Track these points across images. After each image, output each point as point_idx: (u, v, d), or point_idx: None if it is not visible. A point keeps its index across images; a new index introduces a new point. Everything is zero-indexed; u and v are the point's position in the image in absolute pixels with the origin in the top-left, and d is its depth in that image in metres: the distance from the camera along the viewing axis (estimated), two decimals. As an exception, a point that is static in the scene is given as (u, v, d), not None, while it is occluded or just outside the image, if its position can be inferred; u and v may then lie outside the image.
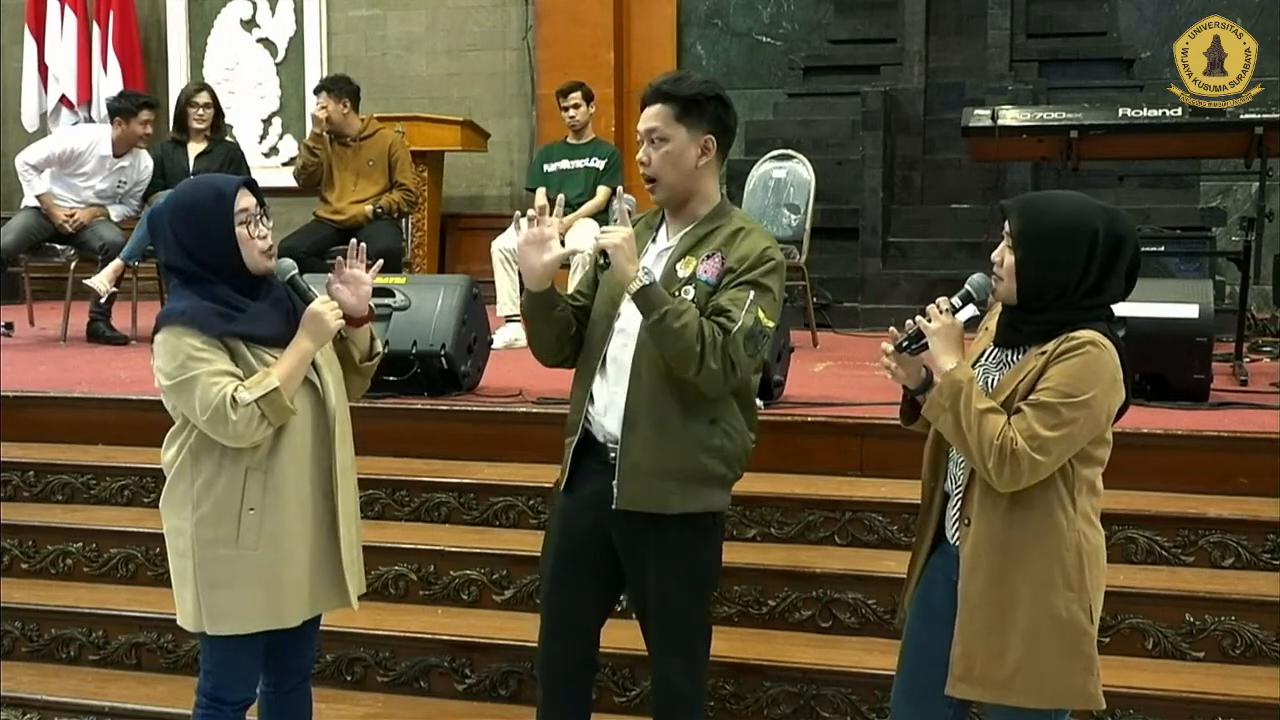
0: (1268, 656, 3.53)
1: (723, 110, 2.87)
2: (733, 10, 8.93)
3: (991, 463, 2.39)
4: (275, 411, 2.69)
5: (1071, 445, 2.41)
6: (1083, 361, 2.40)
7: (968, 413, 2.42)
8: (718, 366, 2.70)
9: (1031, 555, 2.45)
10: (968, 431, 2.42)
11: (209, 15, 9.75)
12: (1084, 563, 2.47)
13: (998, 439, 2.38)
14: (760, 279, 2.77)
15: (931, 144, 7.84)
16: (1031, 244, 2.45)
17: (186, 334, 2.69)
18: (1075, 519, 2.46)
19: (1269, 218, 5.54)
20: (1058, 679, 2.47)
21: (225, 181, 2.83)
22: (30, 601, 4.25)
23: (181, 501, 2.79)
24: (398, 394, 4.78)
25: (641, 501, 2.81)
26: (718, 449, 2.83)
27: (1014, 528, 2.46)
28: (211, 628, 2.79)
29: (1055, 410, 2.38)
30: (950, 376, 2.47)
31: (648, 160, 2.85)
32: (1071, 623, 2.46)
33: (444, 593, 4.09)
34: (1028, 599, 2.46)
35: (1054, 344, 2.43)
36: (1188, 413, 4.36)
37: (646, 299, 2.70)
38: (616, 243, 2.71)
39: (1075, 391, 2.38)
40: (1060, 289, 2.45)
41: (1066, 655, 2.47)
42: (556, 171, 6.98)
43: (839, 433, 4.30)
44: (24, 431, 4.85)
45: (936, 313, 2.54)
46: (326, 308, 2.81)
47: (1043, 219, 2.47)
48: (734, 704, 3.64)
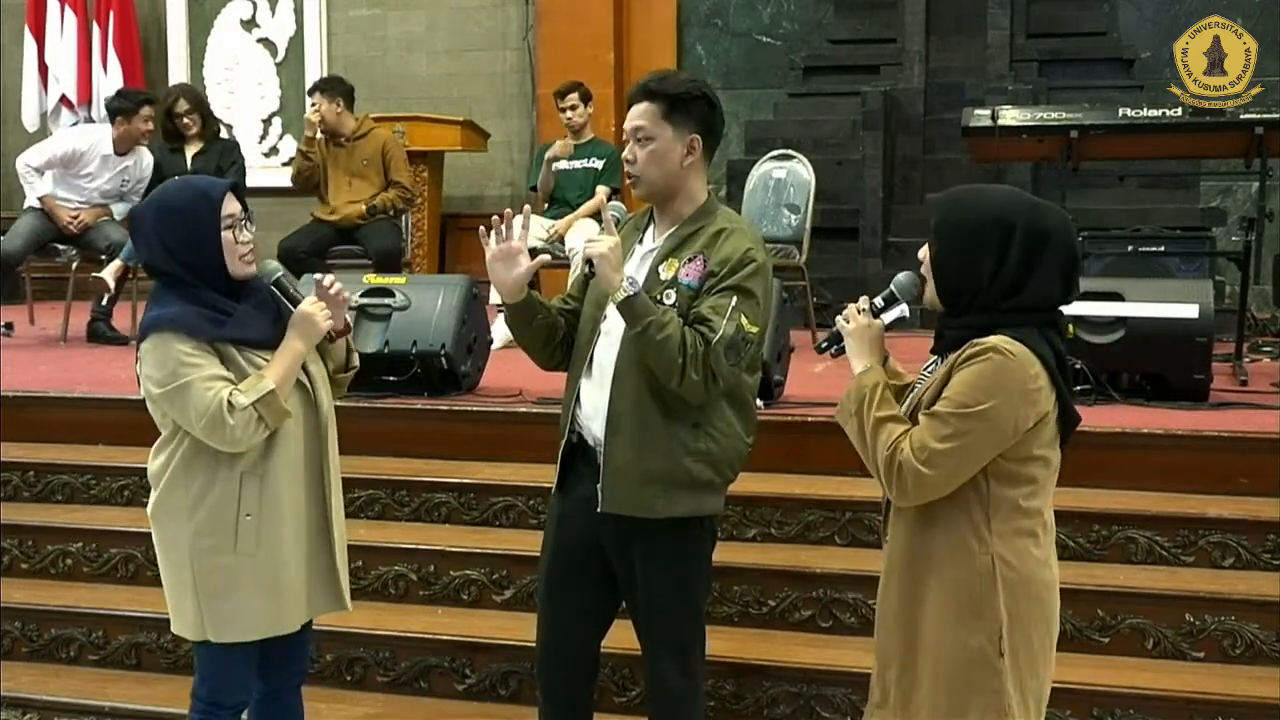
0: (1268, 656, 3.53)
1: (709, 110, 2.86)
2: (733, 10, 8.93)
3: (883, 473, 2.28)
4: (272, 414, 2.67)
5: (966, 459, 2.23)
6: (981, 370, 2.23)
7: (868, 419, 2.32)
8: (699, 378, 2.70)
9: (937, 578, 2.30)
10: (868, 439, 2.32)
11: (209, 15, 9.75)
12: (999, 590, 2.26)
13: (887, 449, 2.27)
14: (742, 283, 2.75)
15: (931, 144, 7.84)
16: (946, 237, 2.32)
17: (175, 340, 2.65)
18: (990, 542, 2.27)
19: (1269, 218, 5.54)
20: (963, 716, 2.28)
21: (211, 184, 2.78)
22: (30, 601, 4.24)
23: (176, 512, 2.75)
24: (398, 394, 4.78)
25: (626, 505, 2.81)
26: (703, 453, 2.80)
27: (920, 547, 2.33)
28: (216, 636, 2.77)
29: (946, 420, 2.22)
30: (858, 380, 2.39)
31: (633, 158, 2.84)
32: (979, 656, 2.26)
33: (444, 593, 4.08)
34: (932, 625, 2.30)
35: (961, 350, 2.28)
36: (1188, 413, 4.36)
37: (631, 309, 2.70)
38: (602, 252, 2.71)
39: (970, 401, 2.21)
40: (975, 287, 2.29)
41: (971, 690, 2.27)
42: (556, 172, 6.98)
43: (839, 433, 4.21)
44: (24, 431, 4.85)
45: (854, 313, 2.47)
46: (316, 308, 2.79)
47: (959, 212, 2.34)
48: (734, 704, 3.64)
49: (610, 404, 2.80)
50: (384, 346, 4.79)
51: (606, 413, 2.81)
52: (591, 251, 2.72)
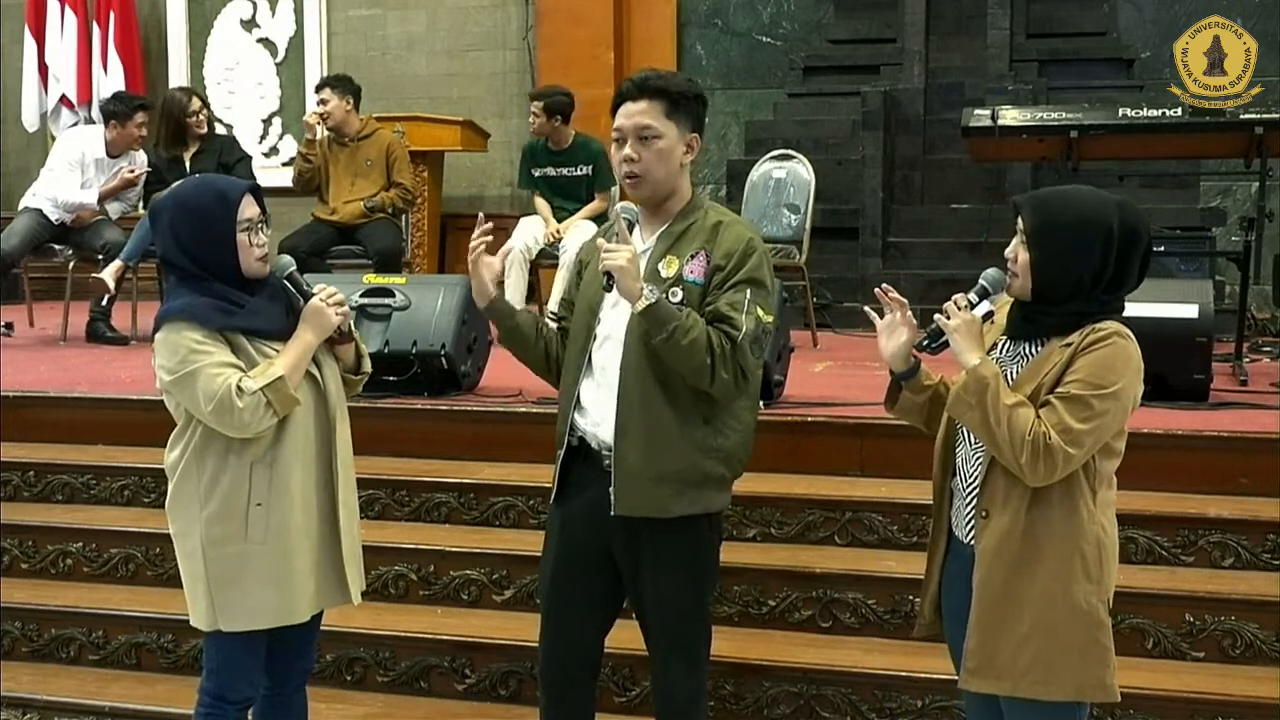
0: (1268, 656, 3.53)
1: (703, 108, 2.90)
2: (733, 10, 8.93)
3: (1025, 458, 2.37)
4: (281, 400, 2.70)
5: (1101, 437, 2.41)
6: (1109, 353, 2.40)
7: (996, 408, 2.39)
8: (729, 376, 2.71)
9: (1054, 547, 2.44)
10: (996, 427, 2.39)
11: (209, 15, 9.75)
12: (1102, 555, 2.47)
13: (1029, 434, 2.36)
14: (752, 274, 2.77)
15: (931, 144, 7.84)
16: (1046, 241, 2.44)
17: (187, 329, 2.70)
18: (1096, 512, 2.46)
19: (1269, 218, 5.54)
20: (1076, 671, 2.46)
21: (230, 185, 2.82)
22: (30, 601, 4.25)
23: (189, 502, 2.79)
24: (398, 394, 4.78)
25: (640, 507, 2.80)
26: (716, 449, 2.81)
27: (1037, 521, 2.44)
28: (226, 625, 2.80)
29: (1086, 403, 2.37)
30: (976, 372, 2.43)
31: (637, 156, 2.80)
32: (1090, 614, 2.45)
33: (444, 593, 4.09)
34: (1048, 591, 2.44)
35: (1078, 336, 2.42)
36: (1188, 413, 4.35)
37: (655, 317, 2.67)
38: (621, 265, 2.66)
39: (1105, 383, 2.38)
40: (1076, 284, 2.44)
41: (1085, 647, 2.46)
42: (543, 178, 6.87)
43: (839, 433, 4.30)
44: (24, 431, 4.85)
45: (955, 309, 2.50)
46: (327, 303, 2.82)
47: (1057, 216, 2.46)
48: (734, 704, 3.64)
49: (618, 406, 2.79)
50: (384, 346, 4.78)
51: (615, 415, 2.79)
52: (609, 264, 2.67)
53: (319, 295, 2.83)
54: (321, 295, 2.83)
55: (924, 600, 2.74)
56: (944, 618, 2.69)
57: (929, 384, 2.68)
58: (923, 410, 2.69)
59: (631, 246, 2.72)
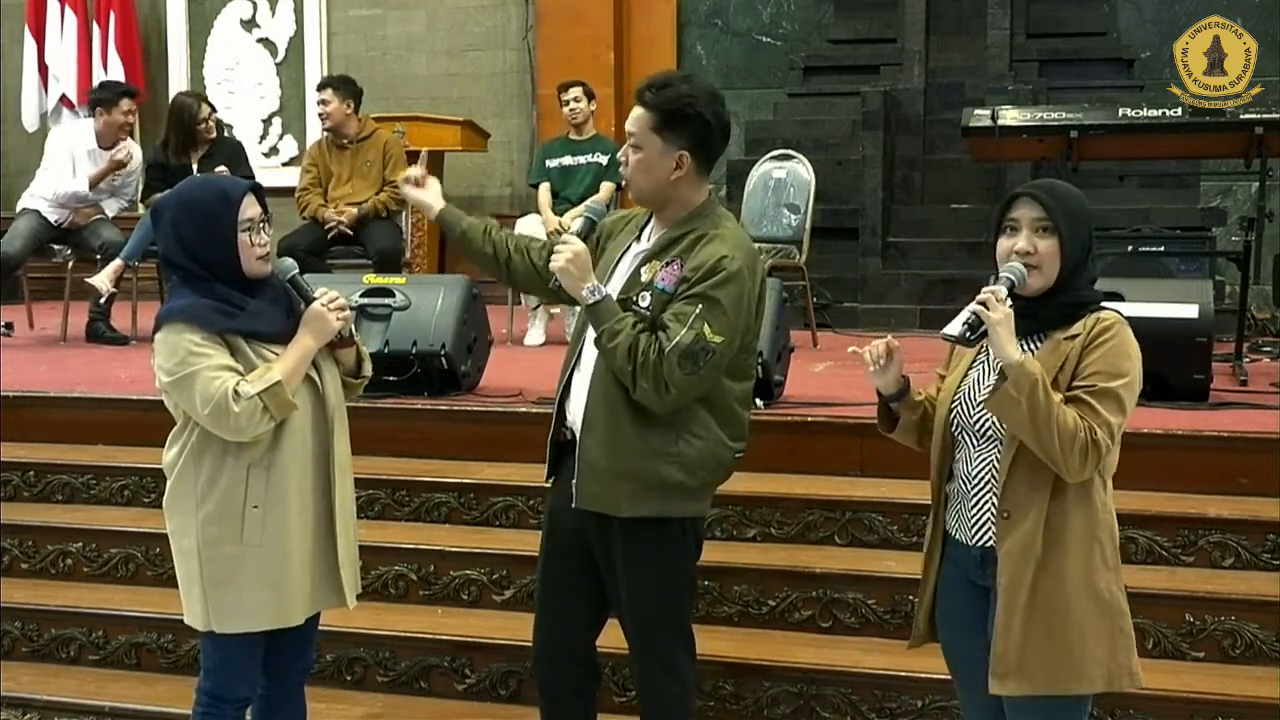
0: (1268, 656, 3.53)
1: (703, 127, 2.79)
2: (733, 10, 8.93)
3: (1075, 454, 2.36)
4: (278, 405, 2.69)
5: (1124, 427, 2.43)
6: (1119, 342, 2.42)
7: (1048, 404, 2.35)
8: (649, 386, 2.70)
9: (1076, 541, 2.45)
10: (1047, 424, 2.35)
11: (209, 15, 9.76)
12: (1114, 542, 2.50)
13: (1081, 431, 2.36)
14: (710, 291, 2.71)
15: (931, 144, 7.84)
16: (1069, 222, 2.46)
17: (186, 330, 2.69)
18: (1108, 501, 2.50)
19: (1269, 218, 5.54)
20: (1106, 661, 2.47)
21: (232, 185, 2.83)
22: (30, 601, 4.24)
23: (186, 501, 2.79)
24: (398, 394, 4.78)
25: (594, 502, 2.82)
26: (675, 455, 2.79)
27: (1062, 516, 2.45)
28: (220, 626, 2.80)
29: (1117, 395, 2.39)
30: (1023, 368, 2.38)
31: (625, 160, 2.87)
32: (1113, 603, 2.48)
33: (444, 593, 4.08)
34: (1076, 585, 2.45)
35: (1081, 327, 2.44)
36: (1188, 413, 4.35)
37: (594, 315, 2.75)
38: (561, 265, 2.76)
39: (1123, 372, 2.41)
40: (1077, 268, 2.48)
41: (1112, 636, 2.48)
42: (558, 167, 6.96)
43: (839, 433, 4.30)
44: (24, 431, 4.85)
45: (995, 301, 2.43)
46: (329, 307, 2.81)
47: (1069, 199, 2.50)
48: (734, 704, 3.64)
49: (587, 401, 2.83)
50: (384, 346, 4.78)
51: (584, 409, 2.83)
52: (553, 264, 2.77)
53: (320, 299, 2.83)
54: (323, 299, 2.83)
55: (919, 612, 2.71)
56: (938, 622, 2.67)
57: (919, 399, 2.66)
58: (916, 428, 2.68)
59: (577, 246, 2.77)
